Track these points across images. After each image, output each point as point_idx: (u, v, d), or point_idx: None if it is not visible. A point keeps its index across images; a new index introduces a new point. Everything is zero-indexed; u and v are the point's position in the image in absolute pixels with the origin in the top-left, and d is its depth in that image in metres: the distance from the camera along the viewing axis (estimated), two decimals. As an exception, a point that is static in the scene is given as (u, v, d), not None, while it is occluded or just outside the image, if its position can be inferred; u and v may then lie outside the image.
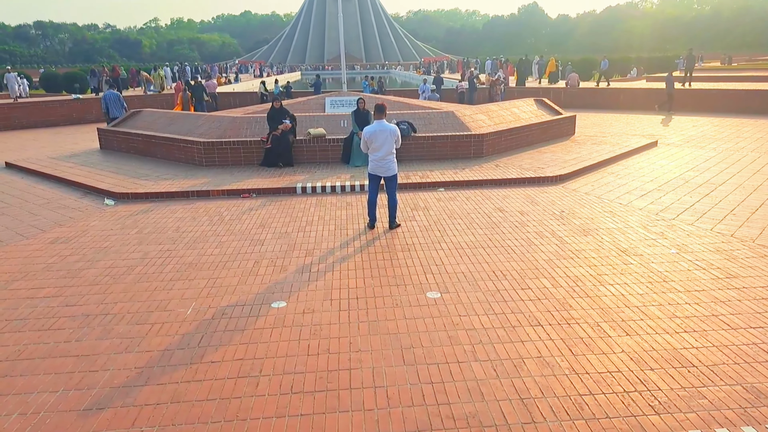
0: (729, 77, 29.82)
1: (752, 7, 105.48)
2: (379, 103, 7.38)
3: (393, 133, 7.12)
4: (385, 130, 7.07)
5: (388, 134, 7.08)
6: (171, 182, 10.10)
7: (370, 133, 7.09)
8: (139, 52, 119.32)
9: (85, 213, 8.48)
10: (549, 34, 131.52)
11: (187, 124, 13.17)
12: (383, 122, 7.15)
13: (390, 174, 7.26)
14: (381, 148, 7.09)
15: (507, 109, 14.66)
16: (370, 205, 7.49)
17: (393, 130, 7.14)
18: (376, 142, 7.07)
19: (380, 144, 7.07)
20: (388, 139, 7.08)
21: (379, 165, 7.20)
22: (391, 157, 7.19)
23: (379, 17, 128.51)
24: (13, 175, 11.58)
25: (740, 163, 11.08)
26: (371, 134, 7.08)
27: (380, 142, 7.07)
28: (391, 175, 7.28)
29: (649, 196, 8.76)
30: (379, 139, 7.05)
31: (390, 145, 7.13)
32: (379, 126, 7.09)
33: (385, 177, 7.29)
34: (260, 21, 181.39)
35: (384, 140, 7.06)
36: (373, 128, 7.11)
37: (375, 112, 7.25)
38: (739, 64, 48.03)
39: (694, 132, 15.51)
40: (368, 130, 7.12)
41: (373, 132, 7.08)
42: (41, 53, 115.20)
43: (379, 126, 7.09)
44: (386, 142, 7.08)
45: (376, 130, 7.07)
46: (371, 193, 7.45)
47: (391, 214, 7.45)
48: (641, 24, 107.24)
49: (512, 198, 8.91)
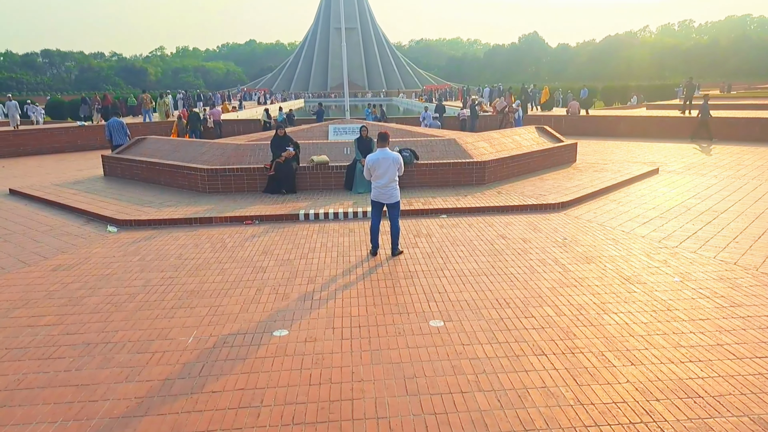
0: (729, 105, 30.05)
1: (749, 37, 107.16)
2: (383, 131, 7.46)
3: (396, 161, 7.19)
4: (388, 158, 7.14)
5: (391, 162, 7.15)
6: (174, 209, 10.14)
7: (373, 160, 7.15)
8: (144, 79, 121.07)
9: (88, 240, 8.51)
10: (549, 62, 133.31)
11: (191, 151, 13.29)
12: (386, 150, 7.23)
13: (393, 201, 7.32)
14: (384, 175, 7.15)
15: (508, 137, 14.77)
16: (372, 232, 7.52)
17: (396, 158, 7.20)
18: (379, 169, 7.14)
19: (383, 171, 7.14)
20: (390, 167, 7.15)
21: (382, 192, 7.26)
22: (393, 184, 7.26)
23: (382, 46, 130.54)
24: (17, 201, 11.65)
25: (742, 191, 11.10)
26: (374, 162, 7.14)
27: (383, 170, 7.14)
28: (393, 203, 7.34)
29: (652, 224, 8.76)
30: (382, 166, 7.12)
31: (393, 172, 7.19)
32: (382, 154, 7.16)
33: (388, 204, 7.34)
34: (265, 49, 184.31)
35: (387, 168, 7.13)
36: (377, 156, 7.17)
37: (378, 140, 7.32)
38: (738, 92, 48.48)
39: (695, 159, 15.59)
40: (371, 158, 7.19)
41: (376, 160, 7.14)
42: (48, 81, 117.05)
43: (382, 154, 7.16)
44: (389, 169, 7.15)
45: (379, 158, 7.14)
46: (374, 220, 7.49)
47: (394, 242, 7.48)
48: (640, 53, 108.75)
49: (515, 225, 8.91)
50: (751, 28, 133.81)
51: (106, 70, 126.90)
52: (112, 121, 16.48)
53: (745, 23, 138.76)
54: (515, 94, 29.39)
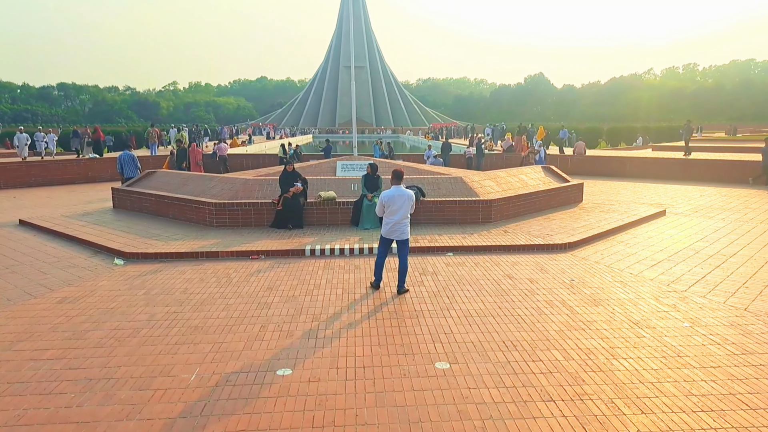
0: (735, 147, 30.22)
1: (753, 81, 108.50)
2: (397, 169, 7.65)
3: (410, 198, 7.35)
4: (403, 195, 7.31)
5: (405, 199, 7.31)
6: (181, 243, 10.17)
7: (388, 197, 7.29)
8: (156, 113, 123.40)
9: (95, 272, 8.52)
10: (555, 102, 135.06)
11: (200, 185, 13.42)
12: (401, 187, 7.40)
13: (404, 238, 7.43)
14: (398, 212, 7.29)
15: (515, 176, 14.85)
16: (378, 266, 7.60)
17: (410, 195, 7.37)
18: (393, 206, 7.28)
19: (397, 208, 7.28)
20: (405, 204, 7.30)
21: (395, 229, 7.36)
22: (406, 221, 7.39)
23: (390, 84, 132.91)
24: (27, 232, 11.73)
25: (750, 235, 11.03)
26: (389, 198, 7.28)
27: (397, 207, 7.28)
28: (404, 239, 7.45)
29: (660, 267, 8.69)
30: (397, 203, 7.27)
31: (406, 209, 7.33)
32: (397, 191, 7.33)
33: (399, 240, 7.45)
34: (275, 86, 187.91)
35: (401, 205, 7.28)
36: (391, 193, 7.33)
37: (393, 178, 7.51)
38: (743, 135, 48.78)
39: (703, 201, 15.57)
40: (386, 194, 7.33)
41: (391, 197, 7.29)
42: (62, 113, 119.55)
43: (397, 191, 7.33)
44: (403, 206, 7.29)
45: (394, 194, 7.30)
46: (381, 255, 7.57)
47: (401, 279, 7.49)
48: (645, 95, 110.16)
49: (521, 265, 8.86)
50: (755, 72, 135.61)
51: (119, 104, 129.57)
52: (123, 155, 16.76)
53: (749, 68, 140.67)
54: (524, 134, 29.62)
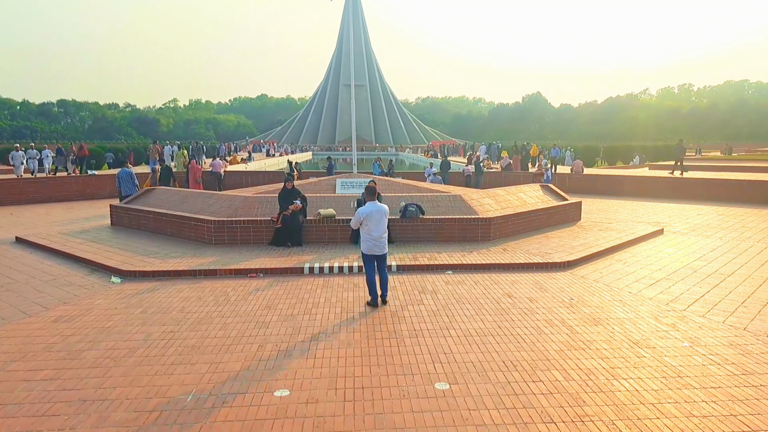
0: (730, 167, 30.39)
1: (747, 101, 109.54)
2: (370, 185, 7.78)
3: (387, 213, 7.54)
4: (380, 210, 7.44)
5: (382, 214, 7.45)
6: (179, 260, 10.13)
7: (366, 213, 7.37)
8: (156, 130, 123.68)
9: (91, 291, 8.46)
10: (552, 121, 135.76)
11: (199, 202, 13.41)
12: (376, 203, 7.52)
13: (384, 252, 7.59)
14: (377, 227, 7.40)
15: (513, 194, 14.88)
16: (370, 285, 7.64)
17: (386, 210, 7.56)
18: (371, 222, 7.35)
19: (376, 223, 7.37)
20: (382, 219, 7.44)
21: (376, 245, 7.46)
22: (385, 235, 7.53)
23: (389, 103, 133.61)
24: (23, 250, 11.68)
25: (747, 254, 11.03)
26: (367, 214, 7.36)
27: (375, 222, 7.37)
28: (384, 254, 7.62)
29: (659, 285, 8.67)
30: (374, 218, 7.36)
31: (384, 224, 7.48)
32: (374, 207, 7.42)
33: (379, 255, 7.58)
34: (275, 103, 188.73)
35: (379, 219, 7.39)
36: (368, 209, 7.39)
37: (366, 194, 7.63)
38: (739, 154, 49.10)
39: (700, 220, 15.59)
40: (363, 210, 7.40)
41: (369, 212, 7.36)
42: (61, 129, 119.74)
43: (374, 207, 7.42)
44: (381, 221, 7.41)
45: (371, 210, 7.37)
46: (370, 273, 7.62)
47: (384, 290, 7.72)
48: (641, 114, 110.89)
49: (521, 283, 8.84)
50: (748, 93, 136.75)
51: (119, 120, 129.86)
52: (121, 172, 16.76)
53: (743, 88, 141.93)
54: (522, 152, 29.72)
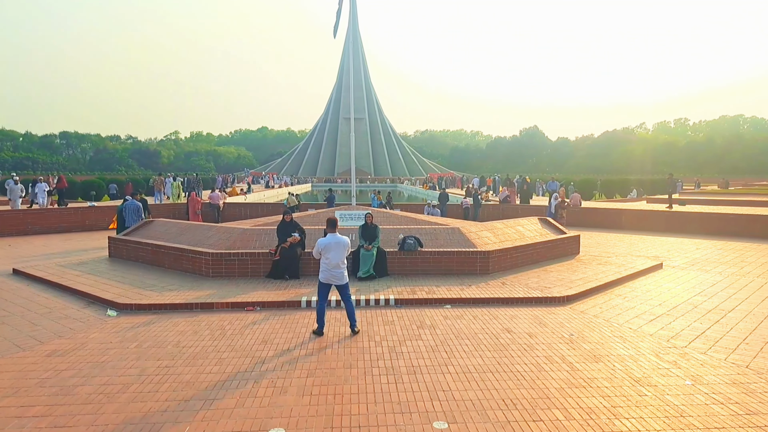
0: (728, 201, 30.53)
1: (743, 136, 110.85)
2: (331, 217, 8.15)
3: (345, 245, 7.83)
4: (339, 242, 7.77)
5: (341, 245, 7.76)
6: (176, 293, 10.06)
7: (324, 244, 7.73)
8: (157, 162, 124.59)
9: (86, 324, 8.37)
10: (550, 155, 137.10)
11: (198, 234, 13.40)
12: (336, 235, 7.85)
13: (343, 282, 7.85)
14: (334, 258, 7.70)
15: (512, 227, 14.90)
16: (319, 314, 7.86)
17: (346, 242, 7.84)
18: (329, 252, 7.70)
19: (334, 254, 7.70)
20: (340, 250, 7.74)
21: (332, 274, 7.76)
22: (343, 266, 7.80)
23: (388, 135, 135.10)
24: (20, 282, 11.60)
25: (748, 289, 10.99)
26: (325, 246, 7.72)
27: (333, 253, 7.70)
28: (344, 284, 7.86)
29: (659, 321, 8.60)
30: (333, 249, 7.70)
31: (342, 255, 7.77)
32: (333, 238, 7.77)
33: (338, 285, 7.85)
34: (275, 136, 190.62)
35: (337, 250, 7.72)
36: (327, 240, 7.77)
37: (328, 227, 7.97)
38: (736, 188, 49.41)
39: (699, 255, 15.58)
40: (322, 242, 7.77)
41: (327, 243, 7.73)
42: (63, 161, 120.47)
43: (333, 238, 7.77)
44: (339, 252, 7.72)
45: (330, 242, 7.74)
46: (322, 302, 7.88)
47: (352, 320, 7.92)
48: (638, 148, 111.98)
49: (520, 318, 8.77)
50: (744, 127, 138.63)
51: (121, 152, 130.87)
52: (129, 203, 16.63)
53: (738, 123, 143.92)
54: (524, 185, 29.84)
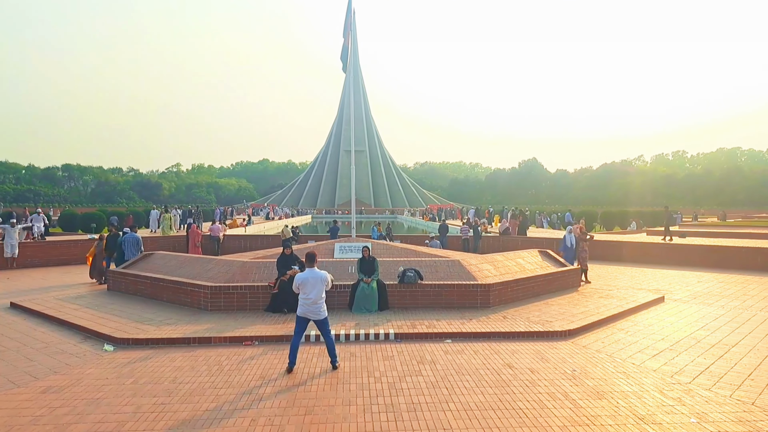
0: (728, 233, 30.51)
1: (741, 168, 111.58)
2: (309, 252, 8.09)
3: (324, 279, 7.74)
4: (316, 277, 7.70)
5: (319, 280, 7.69)
6: (173, 327, 9.97)
7: (301, 279, 7.67)
8: (158, 194, 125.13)
9: (83, 359, 8.27)
10: (549, 186, 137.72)
11: (197, 267, 13.37)
12: (314, 270, 7.78)
13: (321, 317, 7.73)
14: (311, 292, 7.63)
15: (512, 260, 14.85)
16: (292, 349, 7.74)
17: (324, 277, 7.75)
18: (307, 287, 7.63)
19: (311, 289, 7.63)
20: (318, 285, 7.68)
21: (310, 309, 7.66)
22: (321, 301, 7.70)
23: (388, 167, 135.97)
24: (17, 315, 11.51)
25: (751, 323, 10.89)
26: (303, 281, 7.66)
27: (311, 287, 7.63)
28: (321, 319, 7.74)
29: (662, 356, 8.49)
30: (310, 284, 7.64)
31: (320, 290, 7.69)
32: (311, 273, 7.71)
33: (316, 321, 7.74)
34: (276, 168, 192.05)
35: (314, 285, 7.65)
36: (305, 275, 7.70)
37: (306, 261, 7.91)
38: (735, 220, 49.46)
39: (700, 288, 15.49)
40: (300, 276, 7.71)
41: (305, 279, 7.67)
42: (64, 193, 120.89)
43: (311, 273, 7.71)
44: (316, 287, 7.65)
45: (308, 277, 7.67)
46: (296, 336, 7.78)
47: (332, 356, 7.79)
48: (637, 180, 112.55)
49: (521, 353, 8.66)
50: (741, 160, 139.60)
51: (122, 185, 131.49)
52: (128, 236, 16.66)
53: (735, 155, 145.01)
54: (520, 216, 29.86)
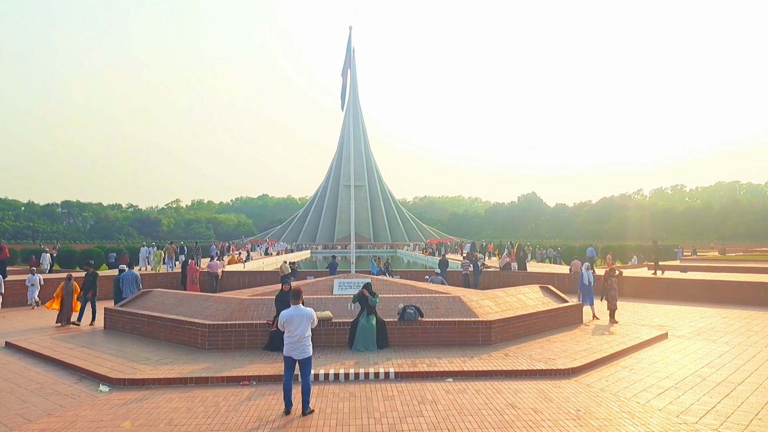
0: (729, 267, 30.41)
1: (740, 202, 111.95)
2: (296, 288, 7.94)
3: (309, 317, 7.58)
4: (301, 314, 7.54)
5: (304, 318, 7.53)
6: (171, 367, 9.81)
7: (286, 317, 7.52)
8: (157, 230, 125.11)
9: (77, 401, 8.11)
10: (548, 220, 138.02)
11: (195, 305, 13.25)
12: (300, 306, 7.62)
13: (305, 356, 7.53)
14: (296, 330, 7.47)
15: (513, 296, 14.74)
16: (285, 391, 7.54)
17: (309, 314, 7.60)
18: (291, 325, 7.47)
19: (296, 326, 7.47)
20: (303, 322, 7.51)
21: (295, 347, 7.49)
22: (306, 340, 7.53)
23: (388, 202, 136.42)
24: (12, 355, 11.34)
25: (756, 360, 10.73)
26: (287, 318, 7.51)
27: (295, 325, 7.48)
28: (305, 358, 7.54)
29: (667, 395, 8.34)
30: (295, 322, 7.48)
31: (305, 328, 7.53)
32: (296, 311, 7.55)
33: (300, 360, 7.52)
34: (276, 203, 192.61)
35: (299, 323, 7.49)
36: (290, 313, 7.55)
37: (291, 298, 7.77)
38: (736, 254, 49.35)
39: (704, 324, 15.33)
40: (285, 314, 7.58)
41: (289, 316, 7.51)
42: (63, 230, 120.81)
43: (296, 311, 7.55)
44: (301, 324, 7.50)
45: (293, 314, 7.52)
46: (286, 376, 7.58)
47: (305, 400, 7.52)
48: (636, 214, 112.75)
49: (524, 392, 8.50)
50: (740, 194, 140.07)
51: (121, 221, 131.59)
52: (127, 273, 16.60)
53: (734, 189, 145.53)
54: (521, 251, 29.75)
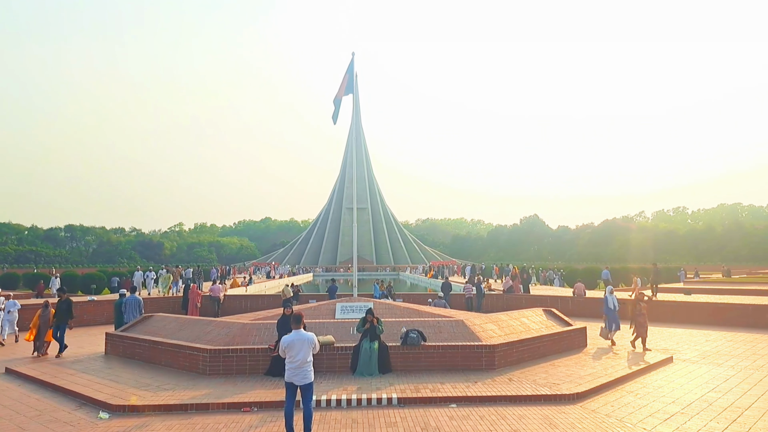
0: (733, 290, 30.20)
1: (743, 224, 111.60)
2: (297, 313, 7.90)
3: (310, 341, 7.50)
4: (303, 339, 7.45)
5: (305, 343, 7.44)
6: (171, 393, 9.72)
7: (287, 342, 7.44)
8: (160, 254, 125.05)
9: (76, 428, 8.02)
10: (550, 243, 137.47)
11: (196, 330, 13.18)
12: (301, 331, 7.55)
13: (306, 382, 7.42)
14: (297, 355, 7.38)
15: (516, 319, 14.64)
16: (287, 417, 7.41)
17: (310, 339, 7.52)
18: (293, 350, 7.39)
19: (297, 351, 7.38)
20: (304, 347, 7.42)
21: (296, 373, 7.40)
22: (307, 365, 7.43)
23: (390, 224, 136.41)
24: (12, 381, 11.26)
25: (763, 384, 10.59)
26: (288, 343, 7.42)
27: (296, 350, 7.39)
28: (306, 384, 7.43)
29: (674, 421, 8.22)
30: (296, 347, 7.40)
31: (306, 353, 7.43)
32: (297, 335, 7.48)
33: (302, 386, 7.41)
34: (278, 226, 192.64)
35: (300, 348, 7.40)
36: (291, 337, 7.47)
37: (293, 322, 7.71)
38: (740, 276, 49.04)
39: (709, 347, 15.16)
40: (286, 339, 7.50)
41: (290, 341, 7.42)
42: (66, 254, 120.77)
43: (297, 335, 7.48)
44: (302, 349, 7.41)
45: (294, 339, 7.44)
46: (288, 403, 7.46)
47: (306, 426, 7.38)
48: (638, 236, 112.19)
49: (529, 419, 8.39)
50: (742, 216, 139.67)
51: (124, 245, 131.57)
52: (130, 298, 16.54)
53: (736, 211, 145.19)
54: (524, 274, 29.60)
